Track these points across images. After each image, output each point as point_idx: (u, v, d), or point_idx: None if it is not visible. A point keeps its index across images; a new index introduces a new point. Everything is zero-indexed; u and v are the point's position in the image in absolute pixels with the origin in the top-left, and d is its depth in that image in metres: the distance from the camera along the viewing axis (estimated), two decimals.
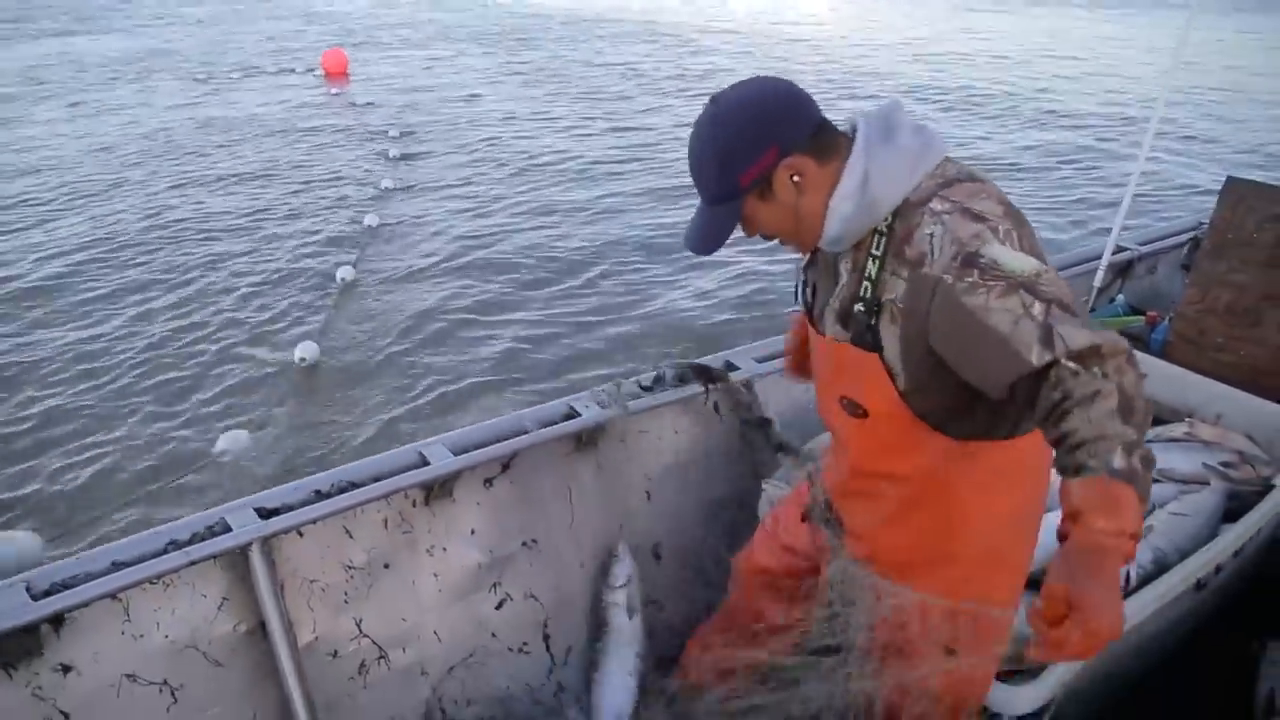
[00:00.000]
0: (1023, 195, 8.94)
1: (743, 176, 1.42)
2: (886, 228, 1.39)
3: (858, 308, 1.45)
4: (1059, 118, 12.85)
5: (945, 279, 1.28)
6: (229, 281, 6.54)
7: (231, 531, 1.87)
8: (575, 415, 2.41)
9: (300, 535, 2.03)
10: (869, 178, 1.38)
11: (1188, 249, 4.03)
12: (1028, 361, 1.17)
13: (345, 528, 2.11)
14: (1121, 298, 3.83)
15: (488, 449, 2.24)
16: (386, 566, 2.19)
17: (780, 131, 1.40)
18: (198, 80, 14.32)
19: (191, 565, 1.82)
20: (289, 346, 5.44)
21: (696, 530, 2.66)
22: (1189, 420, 2.84)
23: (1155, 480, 2.26)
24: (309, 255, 7.05)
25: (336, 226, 7.67)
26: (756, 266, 6.68)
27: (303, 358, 5.27)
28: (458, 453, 2.20)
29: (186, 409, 4.93)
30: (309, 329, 5.78)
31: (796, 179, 1.42)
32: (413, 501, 2.22)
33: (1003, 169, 9.95)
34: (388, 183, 8.80)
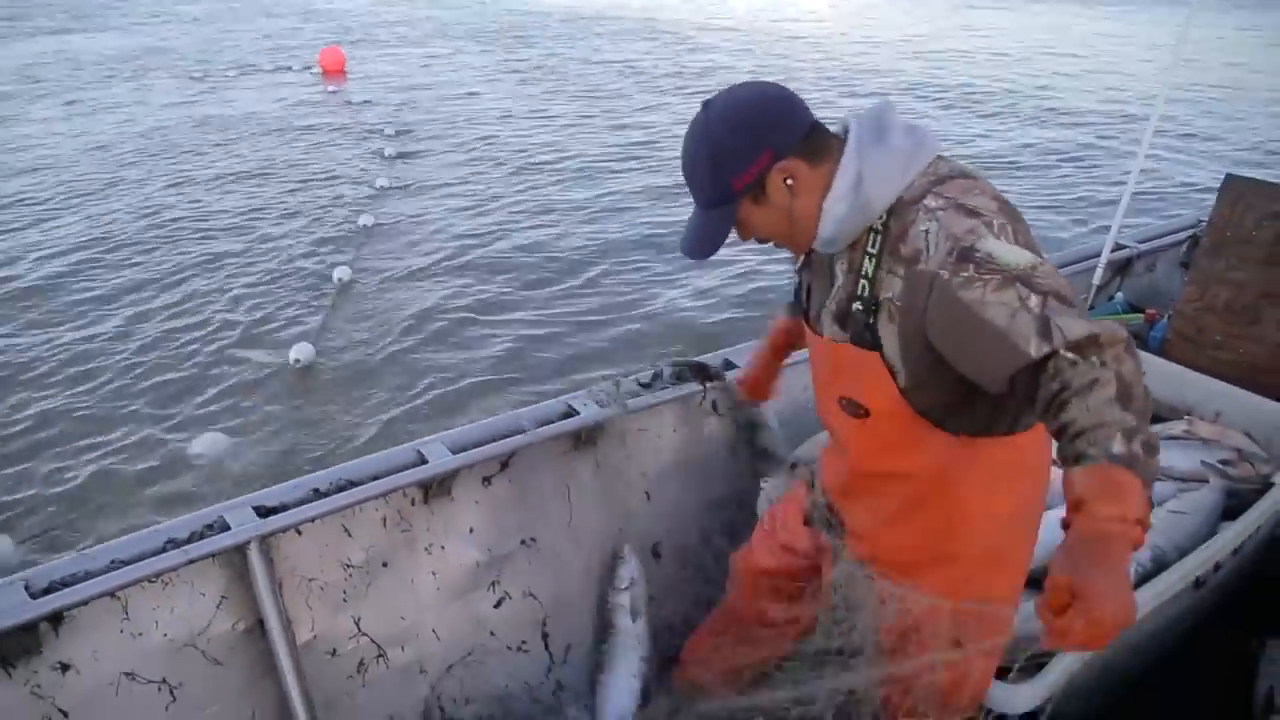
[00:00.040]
0: (1022, 193, 8.95)
1: (736, 181, 1.42)
2: (882, 226, 1.39)
3: (855, 307, 1.45)
4: (1059, 115, 12.85)
5: (941, 274, 1.28)
6: (225, 282, 6.52)
7: (230, 530, 1.87)
8: (574, 414, 2.41)
9: (299, 534, 2.03)
10: (862, 178, 1.38)
11: (1187, 247, 4.02)
12: (1026, 354, 1.17)
13: (344, 526, 2.11)
14: (1120, 295, 3.83)
15: (486, 447, 2.24)
16: (385, 565, 2.19)
17: (773, 135, 1.41)
18: (194, 78, 14.30)
19: (190, 564, 1.82)
20: (284, 347, 5.42)
21: (695, 529, 2.66)
22: (1188, 418, 2.84)
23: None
24: (305, 255, 7.02)
25: (333, 226, 7.65)
26: (757, 265, 6.66)
27: (297, 359, 5.26)
28: (456, 451, 2.20)
29: (177, 410, 4.90)
30: (305, 330, 5.76)
31: (790, 182, 1.42)
32: (411, 500, 2.21)
33: (1002, 167, 9.95)
34: (383, 181, 8.78)
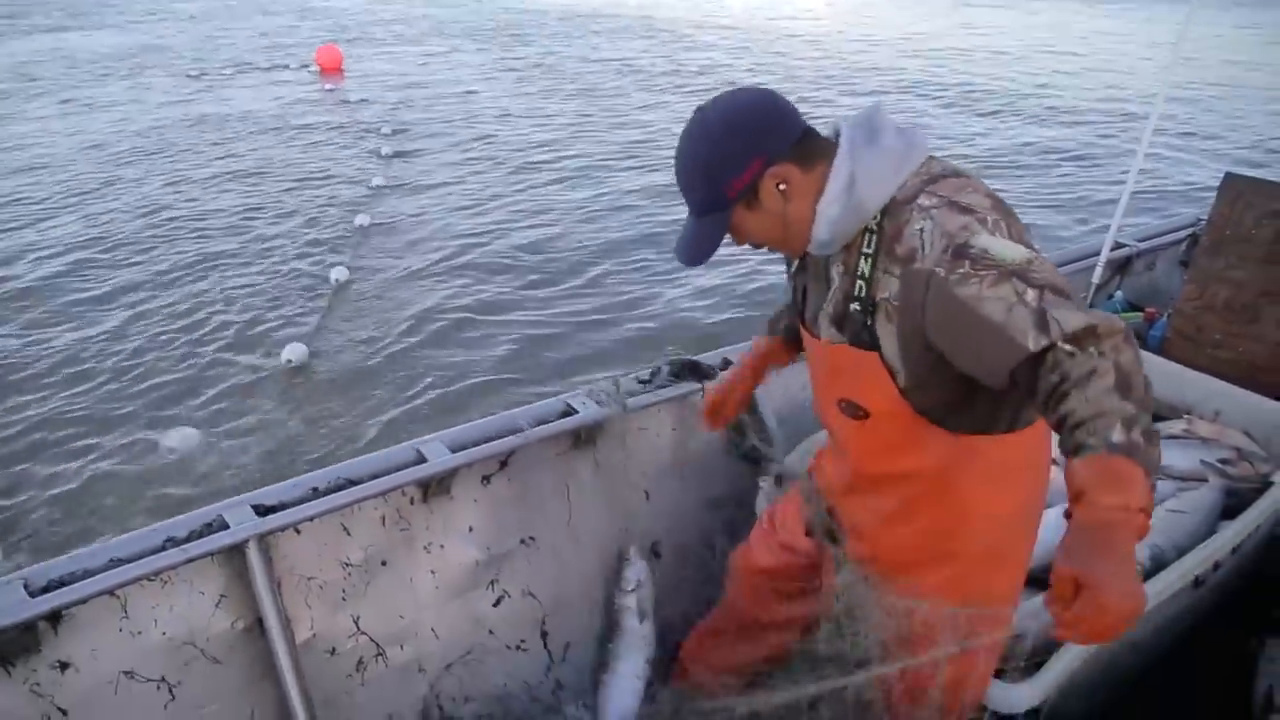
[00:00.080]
0: (1022, 192, 8.96)
1: (729, 187, 1.43)
2: (876, 226, 1.40)
3: (853, 307, 1.45)
4: (1058, 114, 12.87)
5: (937, 272, 1.28)
6: (221, 283, 6.51)
7: (229, 529, 1.86)
8: (572, 412, 2.40)
9: (298, 532, 2.02)
10: (855, 180, 1.39)
11: (1186, 245, 4.01)
12: (1024, 347, 1.17)
13: (343, 525, 2.10)
14: (1120, 294, 3.82)
15: (485, 446, 2.23)
16: (384, 564, 2.18)
17: (765, 141, 1.42)
18: (191, 77, 14.30)
19: (189, 562, 1.81)
20: (281, 348, 5.42)
21: (695, 528, 2.65)
22: (1187, 417, 2.84)
23: None
24: (301, 255, 7.01)
25: (329, 226, 7.64)
26: (758, 264, 6.66)
27: (289, 359, 5.25)
28: (455, 450, 2.19)
29: (170, 412, 4.89)
30: (303, 331, 5.75)
31: (782, 187, 1.43)
32: (410, 499, 2.20)
33: (1002, 165, 9.96)
34: (379, 180, 8.78)
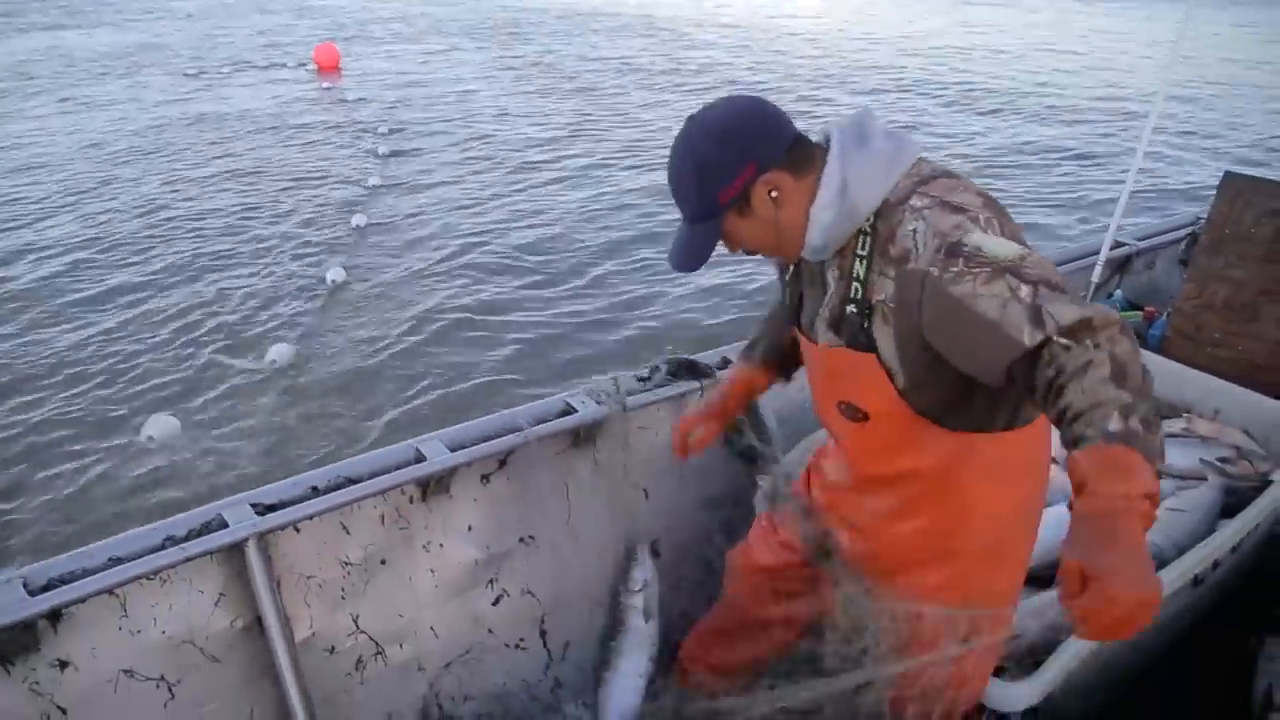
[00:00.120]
0: (1023, 191, 8.97)
1: (721, 195, 1.44)
2: (870, 228, 1.41)
3: (850, 309, 1.45)
4: (1058, 112, 12.87)
5: (932, 271, 1.29)
6: (217, 284, 6.49)
7: (228, 527, 1.86)
8: (571, 411, 2.40)
9: (297, 531, 2.02)
10: (847, 184, 1.40)
11: (1186, 244, 4.00)
12: (1020, 343, 1.17)
13: (342, 524, 2.10)
14: (1119, 293, 3.83)
15: (484, 445, 2.23)
16: (383, 563, 2.18)
17: (756, 149, 1.43)
18: (188, 75, 14.28)
19: (188, 561, 1.81)
20: (274, 348, 5.40)
21: (694, 526, 2.65)
22: (1186, 416, 2.84)
23: None
24: (297, 256, 6.99)
25: (326, 226, 7.61)
26: (760, 263, 6.59)
27: (274, 360, 5.27)
28: (454, 449, 2.19)
29: (159, 411, 4.86)
30: (296, 332, 5.72)
31: (774, 194, 1.44)
32: (410, 498, 2.20)
33: (1002, 164, 9.96)
34: (376, 180, 8.76)
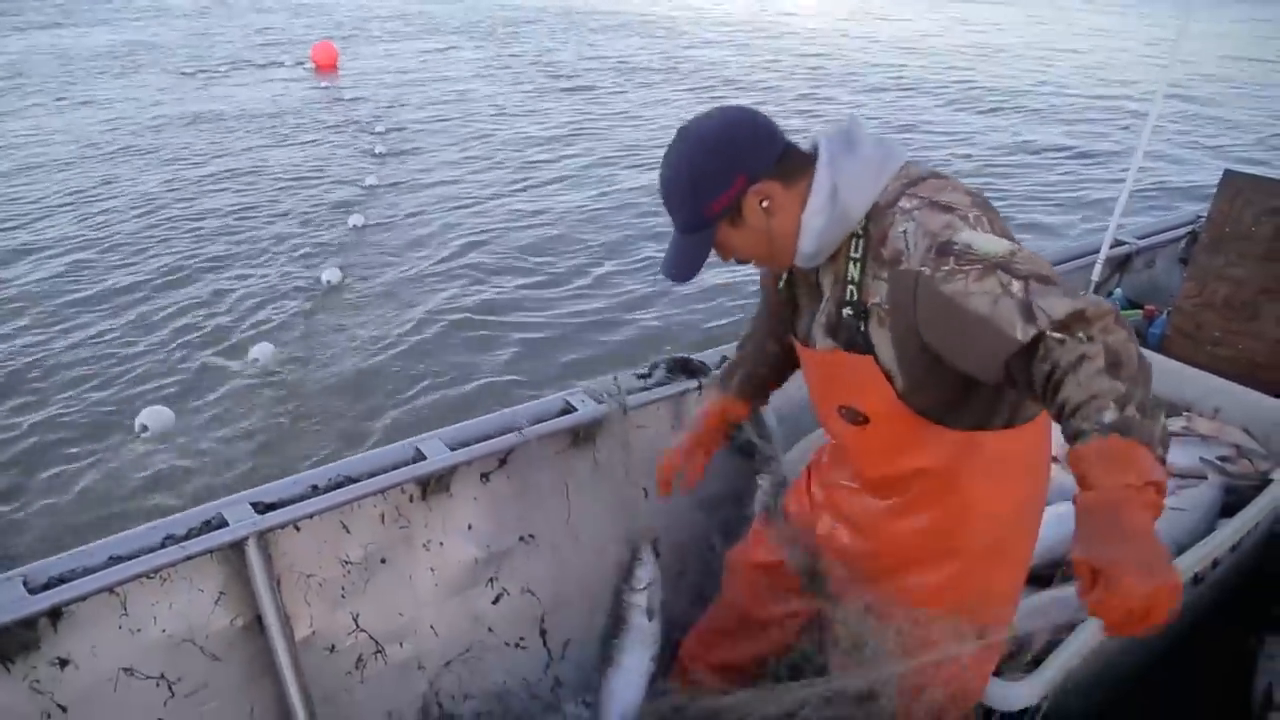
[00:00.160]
0: (1023, 189, 8.98)
1: (713, 206, 1.45)
2: (862, 230, 1.41)
3: (846, 312, 1.46)
4: (1058, 111, 12.89)
5: (923, 271, 1.29)
6: (213, 285, 6.47)
7: (228, 526, 1.86)
8: (571, 410, 2.40)
9: (297, 530, 2.01)
10: (837, 189, 1.41)
11: (1186, 243, 4.00)
12: (1014, 339, 1.17)
13: (342, 522, 2.09)
14: (1119, 292, 3.83)
15: (484, 444, 2.23)
16: (383, 561, 2.17)
17: (746, 160, 1.43)
18: (185, 74, 14.25)
19: (188, 560, 1.80)
20: (267, 349, 5.38)
21: (693, 526, 2.65)
22: (1186, 414, 2.84)
23: None
24: (293, 256, 6.97)
25: (323, 226, 7.59)
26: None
27: (256, 359, 5.26)
28: (454, 448, 2.18)
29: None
30: (292, 332, 5.69)
31: (765, 204, 1.45)
32: (409, 497, 2.20)
33: (1003, 163, 9.96)
34: (373, 180, 8.74)
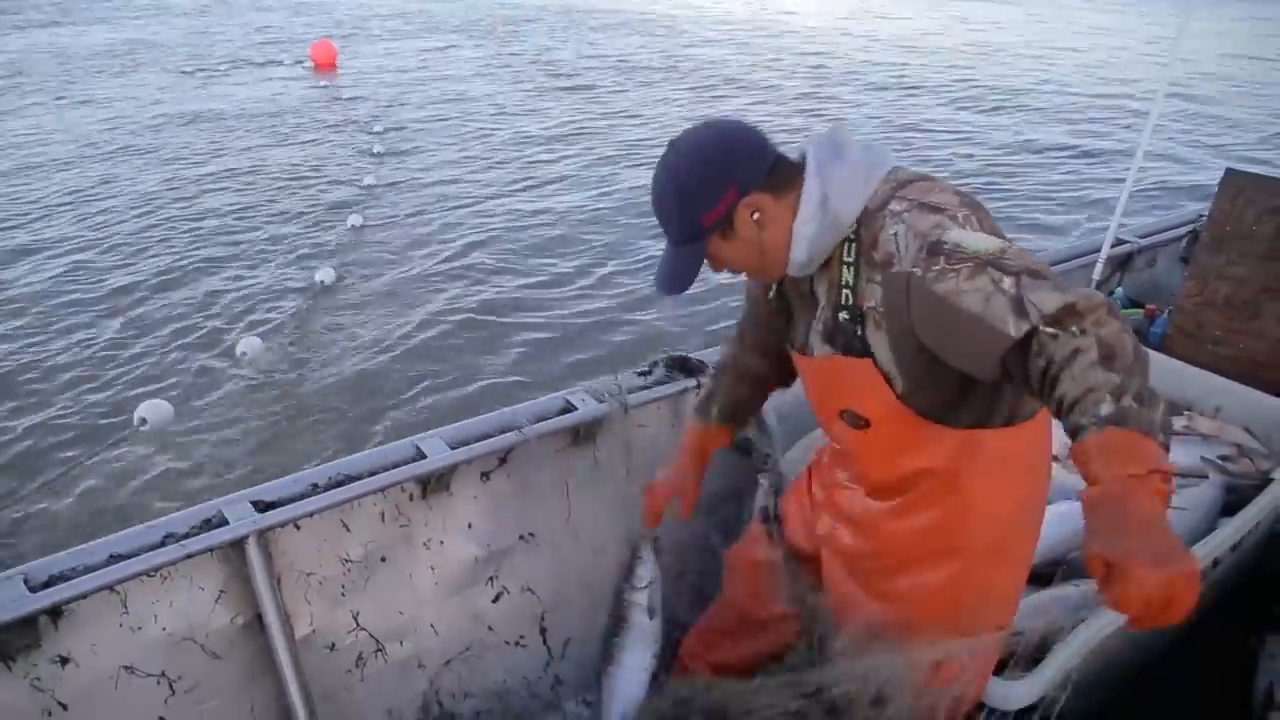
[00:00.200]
0: (1025, 189, 8.98)
1: (704, 219, 1.45)
2: (854, 234, 1.42)
3: (842, 316, 1.47)
4: (1059, 110, 12.88)
5: (915, 272, 1.30)
6: (209, 285, 6.44)
7: (229, 524, 1.86)
8: (571, 409, 2.40)
9: (297, 528, 2.01)
10: (827, 196, 1.42)
11: (1187, 242, 4.00)
12: (1007, 335, 1.17)
13: (342, 521, 2.09)
14: (1121, 291, 3.83)
15: (485, 443, 2.23)
16: (383, 560, 2.17)
17: (737, 172, 1.44)
18: (184, 73, 14.23)
19: (189, 558, 1.80)
20: (260, 350, 5.36)
21: (693, 525, 2.64)
22: (1187, 414, 2.84)
23: None
24: (290, 256, 6.93)
25: (321, 226, 7.56)
26: None
27: (243, 352, 5.25)
28: (455, 447, 2.18)
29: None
30: (290, 333, 5.67)
31: (756, 216, 1.45)
32: (410, 495, 2.20)
33: (1005, 162, 9.95)
34: (371, 179, 8.73)
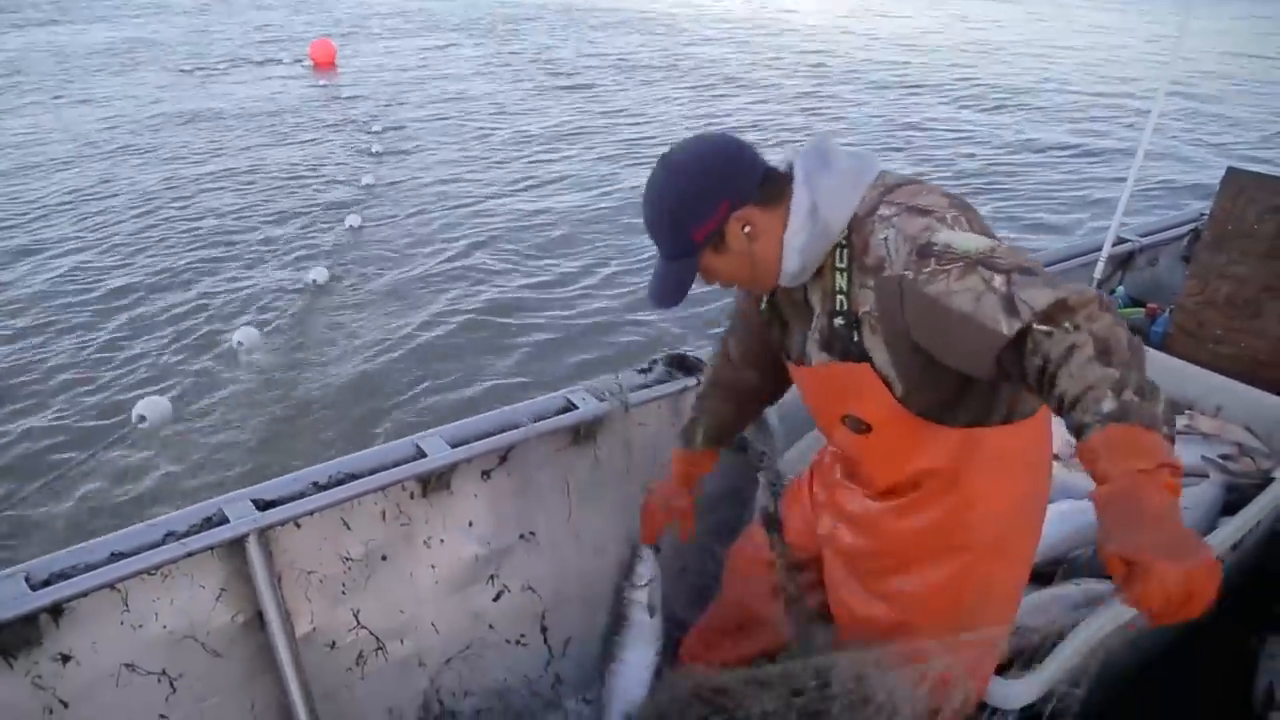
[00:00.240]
0: (1027, 188, 8.97)
1: (696, 233, 1.46)
2: (845, 241, 1.42)
3: (838, 322, 1.47)
4: (1061, 109, 12.87)
5: (906, 275, 1.30)
6: (209, 284, 6.45)
7: (229, 523, 1.86)
8: (572, 408, 2.40)
9: (298, 527, 2.01)
10: (816, 205, 1.42)
11: (1188, 241, 3.99)
12: (1000, 333, 1.17)
13: (343, 519, 2.10)
14: (1122, 290, 3.83)
15: (485, 441, 2.23)
16: (384, 558, 2.18)
17: (729, 187, 1.44)
18: (183, 72, 14.21)
19: (189, 556, 1.81)
20: (252, 352, 5.35)
21: (693, 524, 2.65)
22: (1188, 413, 2.84)
23: None
24: (288, 257, 6.92)
25: (319, 226, 7.55)
26: None
27: (240, 342, 5.25)
28: (455, 445, 2.18)
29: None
30: (288, 334, 5.65)
31: (747, 229, 1.46)
32: (410, 494, 2.20)
33: (1006, 161, 9.95)
34: (370, 179, 8.71)
